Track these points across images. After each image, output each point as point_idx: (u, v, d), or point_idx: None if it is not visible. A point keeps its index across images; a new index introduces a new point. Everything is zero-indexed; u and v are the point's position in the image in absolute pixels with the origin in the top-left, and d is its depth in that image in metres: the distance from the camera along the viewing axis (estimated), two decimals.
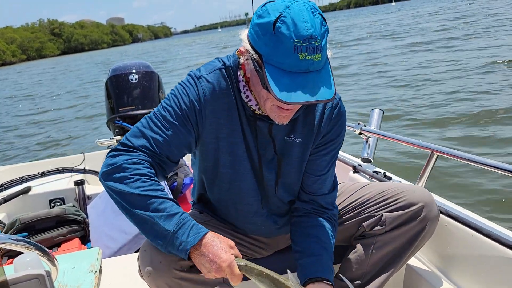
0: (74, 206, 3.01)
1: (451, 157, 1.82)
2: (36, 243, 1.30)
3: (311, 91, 1.22)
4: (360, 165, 2.48)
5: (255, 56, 1.29)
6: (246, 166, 1.53)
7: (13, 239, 1.28)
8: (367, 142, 2.54)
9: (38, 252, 1.28)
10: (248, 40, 1.32)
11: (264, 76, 1.25)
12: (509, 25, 17.95)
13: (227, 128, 1.48)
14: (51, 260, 1.32)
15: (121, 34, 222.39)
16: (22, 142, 10.50)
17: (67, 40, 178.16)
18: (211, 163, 1.54)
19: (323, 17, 1.27)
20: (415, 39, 19.00)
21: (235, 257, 1.33)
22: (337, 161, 2.57)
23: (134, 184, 1.32)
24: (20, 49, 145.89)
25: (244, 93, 1.46)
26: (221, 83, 1.46)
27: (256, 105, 1.45)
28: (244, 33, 1.36)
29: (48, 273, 1.18)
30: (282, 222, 1.68)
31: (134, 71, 4.02)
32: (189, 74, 1.49)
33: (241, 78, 1.46)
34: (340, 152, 2.90)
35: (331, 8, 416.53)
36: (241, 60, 1.39)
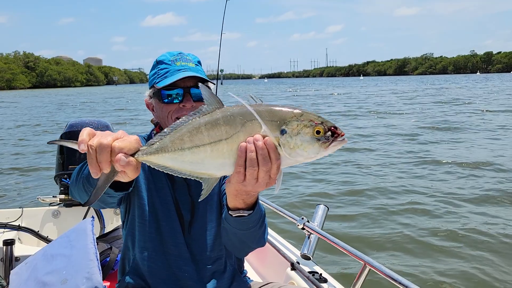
0: None
1: (381, 274, 1.81)
2: None
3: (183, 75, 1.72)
4: (299, 262, 2.43)
5: (151, 91, 1.81)
6: (172, 210, 1.76)
7: None
8: (308, 237, 2.51)
9: None
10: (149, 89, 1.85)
11: (156, 88, 1.75)
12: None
13: (152, 179, 1.79)
14: None
15: (96, 75, 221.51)
16: None
17: (40, 75, 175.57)
18: (140, 210, 1.77)
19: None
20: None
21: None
22: (275, 253, 2.52)
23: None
24: None
25: None
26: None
27: None
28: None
29: None
30: (209, 272, 1.74)
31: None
32: None
33: (153, 135, 1.84)
34: (281, 241, 2.87)
35: (305, 74, 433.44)
36: (152, 114, 1.86)
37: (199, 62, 1.85)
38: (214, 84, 1.87)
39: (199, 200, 1.26)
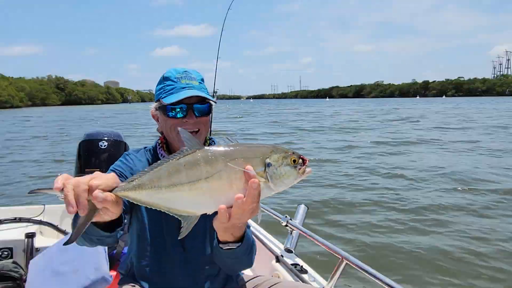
0: (14, 262, 2.53)
1: (358, 269, 1.63)
2: None
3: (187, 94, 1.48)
4: (283, 256, 2.25)
5: (157, 105, 1.57)
6: (169, 221, 1.49)
7: None
8: (291, 233, 2.33)
9: None
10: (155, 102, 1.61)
11: (162, 103, 1.51)
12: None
13: None
14: None
15: (114, 95, 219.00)
16: None
17: (68, 94, 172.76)
18: (139, 224, 1.54)
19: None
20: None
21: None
22: (262, 247, 2.32)
23: None
24: (27, 96, 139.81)
25: (160, 154, 1.58)
26: (143, 155, 1.62)
27: None
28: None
29: None
30: (201, 279, 1.51)
31: (105, 138, 3.73)
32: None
33: (158, 145, 1.62)
34: (268, 236, 2.68)
35: (283, 96, 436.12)
36: (157, 125, 1.61)
37: (202, 80, 1.65)
38: (216, 102, 1.66)
39: (178, 238, 1.09)
